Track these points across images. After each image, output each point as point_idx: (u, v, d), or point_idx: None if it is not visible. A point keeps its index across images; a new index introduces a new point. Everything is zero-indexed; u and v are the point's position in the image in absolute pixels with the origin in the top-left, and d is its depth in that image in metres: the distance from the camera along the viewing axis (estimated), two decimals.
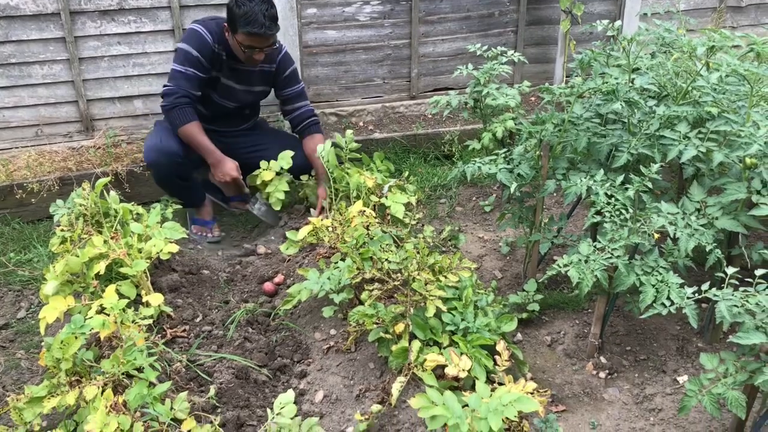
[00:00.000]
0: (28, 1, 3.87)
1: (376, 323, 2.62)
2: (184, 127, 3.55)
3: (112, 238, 2.91)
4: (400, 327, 2.55)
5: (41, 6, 3.90)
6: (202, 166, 3.77)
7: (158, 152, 3.57)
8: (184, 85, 3.53)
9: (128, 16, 4.07)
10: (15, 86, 4.04)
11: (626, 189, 2.52)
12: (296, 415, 2.43)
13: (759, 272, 2.13)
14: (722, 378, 2.14)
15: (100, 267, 2.76)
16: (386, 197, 3.45)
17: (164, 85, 3.59)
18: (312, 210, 3.73)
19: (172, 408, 2.25)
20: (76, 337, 2.32)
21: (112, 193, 3.14)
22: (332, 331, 2.91)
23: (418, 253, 2.78)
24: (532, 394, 2.20)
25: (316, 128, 3.88)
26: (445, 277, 2.75)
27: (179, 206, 3.26)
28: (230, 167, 3.65)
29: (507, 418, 2.06)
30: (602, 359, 2.78)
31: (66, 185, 3.90)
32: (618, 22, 2.87)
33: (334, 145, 3.67)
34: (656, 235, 2.47)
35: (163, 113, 3.64)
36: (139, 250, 2.91)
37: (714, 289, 2.17)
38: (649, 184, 2.44)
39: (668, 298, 2.32)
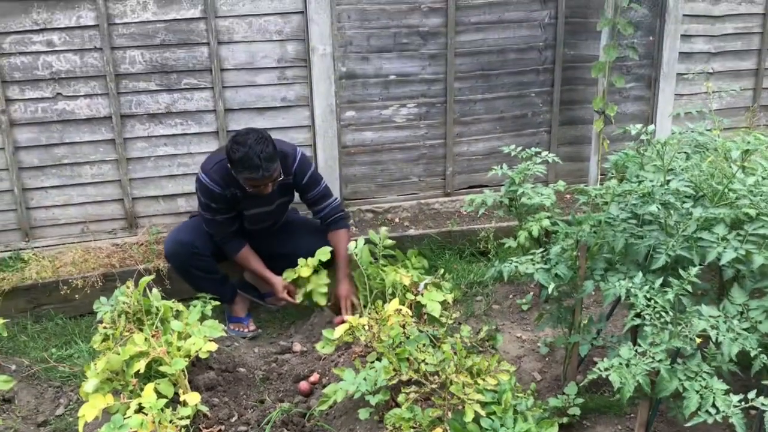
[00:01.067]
0: (83, 106, 4.10)
1: (414, 427, 2.58)
2: (236, 257, 3.86)
3: (152, 336, 2.95)
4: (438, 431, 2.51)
5: (95, 110, 4.12)
6: (220, 254, 3.87)
7: (174, 243, 3.77)
8: (220, 230, 3.78)
9: (175, 119, 4.27)
10: (65, 185, 4.22)
11: (666, 292, 2.50)
12: None
13: None
14: None
15: (140, 365, 2.80)
16: (422, 295, 3.46)
17: (208, 230, 3.80)
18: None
19: None
20: None
21: (155, 290, 3.22)
22: None
23: (456, 354, 2.76)
24: None
25: (342, 223, 3.94)
26: (484, 380, 2.72)
27: (217, 303, 3.31)
28: (282, 284, 3.86)
29: None
30: None
31: (109, 281, 3.99)
32: (651, 127, 2.92)
33: (368, 241, 3.73)
34: (698, 339, 2.43)
35: None
36: (178, 348, 2.94)
37: (761, 398, 2.11)
38: (689, 287, 2.42)
39: (713, 405, 2.25)
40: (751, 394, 2.12)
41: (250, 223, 3.88)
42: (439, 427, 2.51)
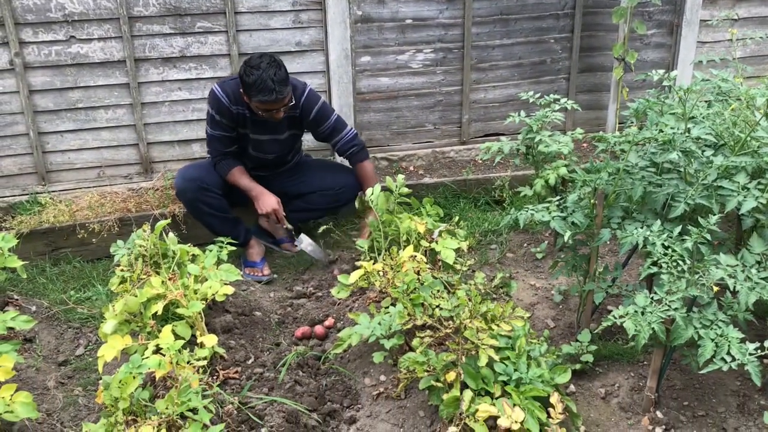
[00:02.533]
0: (96, 50, 4.06)
1: (427, 371, 2.60)
2: (228, 176, 3.85)
3: (169, 279, 2.98)
4: (451, 376, 2.53)
5: (108, 54, 4.09)
6: (232, 197, 3.90)
7: (183, 179, 3.81)
8: (217, 146, 3.83)
9: (189, 63, 4.23)
10: (80, 129, 4.22)
11: (684, 240, 2.48)
12: None
13: None
14: None
15: (158, 307, 2.83)
16: (437, 242, 3.46)
17: (207, 147, 3.90)
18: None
19: None
20: (134, 377, 2.38)
21: (171, 234, 3.24)
22: (382, 377, 2.91)
23: (470, 300, 2.77)
24: None
25: (361, 155, 3.97)
26: (498, 325, 2.73)
27: (233, 248, 3.33)
28: (271, 200, 3.82)
29: None
30: (658, 414, 2.71)
31: (125, 225, 4.02)
32: (674, 72, 2.86)
33: (384, 188, 3.71)
34: (715, 288, 2.42)
35: None
36: (195, 291, 2.97)
37: None
38: (708, 236, 2.41)
39: (728, 353, 2.26)
40: (767, 342, 2.12)
41: (255, 149, 3.88)
42: (453, 371, 2.53)
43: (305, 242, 3.97)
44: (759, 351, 2.17)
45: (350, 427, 2.74)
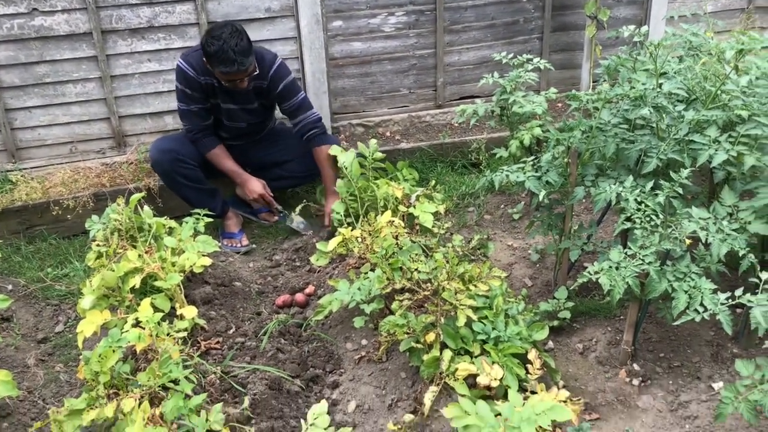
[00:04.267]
0: (61, 22, 3.97)
1: (407, 333, 2.63)
2: (208, 155, 3.84)
3: (146, 252, 2.96)
4: (431, 336, 2.56)
5: (74, 26, 4.00)
6: (208, 168, 3.89)
7: (157, 150, 3.78)
8: (194, 120, 3.79)
9: (158, 33, 4.15)
10: (50, 105, 4.14)
11: (656, 195, 2.51)
12: (329, 426, 2.46)
13: None
14: (759, 384, 2.11)
15: (136, 281, 2.82)
16: (414, 207, 3.47)
17: (182, 123, 3.86)
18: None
19: (207, 420, 2.28)
20: (113, 351, 2.37)
21: (146, 207, 3.21)
22: (363, 342, 2.93)
23: (448, 262, 2.79)
24: (564, 402, 2.20)
25: (319, 139, 3.90)
26: (475, 286, 2.76)
27: (210, 220, 3.31)
28: (256, 185, 3.88)
29: (540, 427, 2.05)
30: (635, 366, 2.76)
31: (100, 201, 3.98)
32: (644, 28, 2.85)
33: (358, 155, 3.70)
34: (688, 241, 2.45)
35: None
36: (173, 264, 2.96)
37: (748, 295, 2.15)
38: (680, 190, 2.43)
39: (701, 304, 2.30)
40: (738, 292, 2.16)
41: (229, 119, 3.85)
42: (432, 332, 2.56)
43: (296, 221, 3.97)
44: (730, 301, 2.21)
45: (333, 392, 2.77)
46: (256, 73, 3.61)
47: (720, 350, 2.80)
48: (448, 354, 2.50)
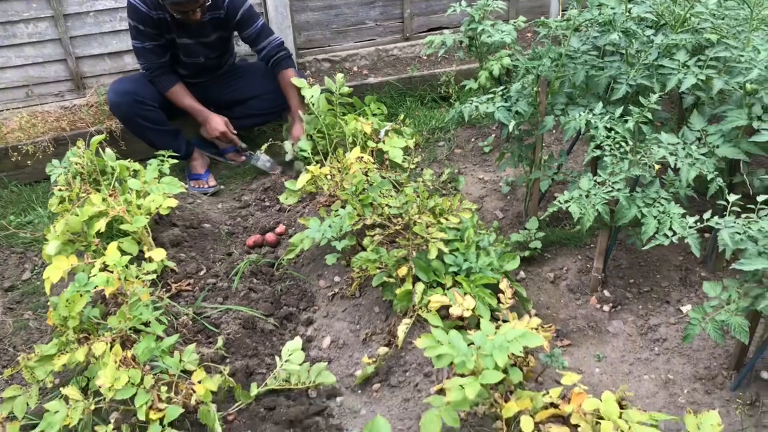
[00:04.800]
0: None
1: (379, 268, 2.62)
2: (168, 94, 3.73)
3: (110, 195, 2.90)
4: (403, 270, 2.56)
5: None
6: (170, 109, 3.79)
7: (115, 93, 3.67)
8: (150, 58, 3.67)
9: None
10: (1, 47, 3.96)
11: (626, 121, 2.49)
12: (304, 362, 2.46)
13: (761, 198, 2.12)
14: (725, 305, 2.15)
15: (101, 225, 2.76)
16: (383, 142, 3.42)
17: (138, 62, 3.74)
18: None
19: (181, 360, 2.27)
20: (81, 295, 2.33)
21: (108, 150, 3.13)
22: (336, 278, 2.92)
23: (418, 196, 2.76)
24: (536, 329, 2.22)
25: (285, 63, 3.83)
26: (446, 219, 2.75)
27: (175, 161, 3.23)
28: (218, 122, 3.78)
29: (512, 354, 2.07)
30: (606, 293, 2.80)
31: (61, 145, 3.87)
32: None
33: (325, 90, 3.62)
34: (657, 167, 2.46)
35: None
36: (139, 207, 2.90)
37: (716, 218, 2.16)
38: (649, 115, 2.41)
39: (670, 228, 2.31)
40: (707, 215, 2.17)
41: (185, 54, 3.73)
42: (404, 266, 2.55)
43: (262, 159, 3.90)
44: (698, 224, 2.23)
45: (308, 329, 2.77)
46: (208, 3, 3.48)
47: (688, 274, 2.84)
48: (420, 287, 2.50)
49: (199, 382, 2.21)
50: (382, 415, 1.90)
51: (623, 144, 2.48)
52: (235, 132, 3.84)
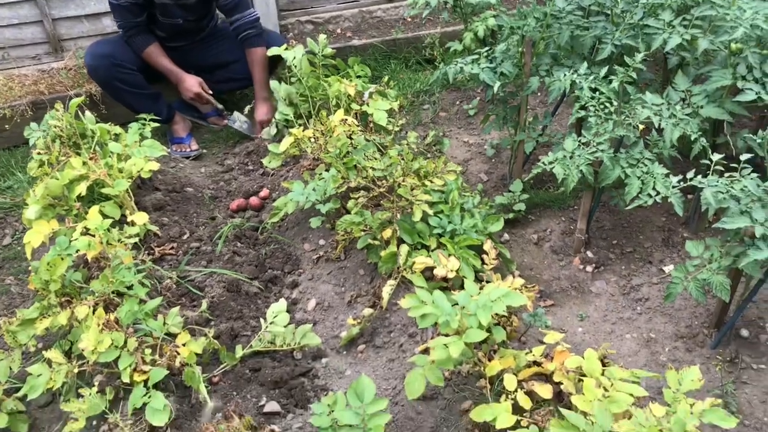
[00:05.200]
0: None
1: (364, 230, 2.62)
2: (144, 54, 3.65)
3: (90, 159, 2.85)
4: (387, 232, 2.55)
5: None
6: (149, 72, 3.72)
7: (93, 56, 3.60)
8: (126, 16, 3.58)
9: None
10: None
11: (611, 81, 2.48)
12: (290, 324, 2.46)
13: (743, 157, 2.13)
14: (707, 264, 2.17)
15: (81, 188, 2.72)
16: (368, 104, 3.38)
17: (114, 20, 3.66)
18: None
19: (165, 323, 2.26)
20: (62, 258, 2.31)
21: (88, 113, 3.08)
22: (321, 242, 2.92)
23: (403, 159, 2.75)
24: (520, 290, 2.23)
25: (255, 41, 3.75)
26: (431, 181, 2.74)
27: (157, 125, 3.19)
28: (192, 83, 3.71)
29: (496, 314, 2.09)
30: (589, 254, 2.81)
31: (39, 109, 3.80)
32: None
33: (308, 52, 3.57)
34: (641, 127, 2.45)
35: None
36: (120, 170, 2.86)
37: (699, 177, 2.17)
38: (634, 75, 2.40)
39: (654, 188, 2.32)
40: (690, 174, 2.18)
41: (163, 14, 3.63)
42: (389, 228, 2.55)
43: (238, 120, 3.85)
44: (682, 183, 2.23)
45: (293, 291, 2.77)
46: None
47: (671, 235, 2.86)
48: (405, 249, 2.50)
49: (184, 344, 2.21)
50: (367, 375, 1.91)
51: (608, 105, 2.47)
52: (211, 93, 3.77)
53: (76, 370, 2.15)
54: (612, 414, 1.65)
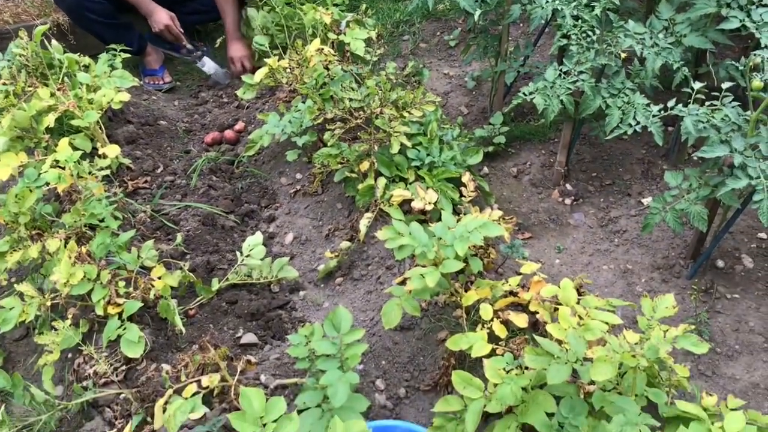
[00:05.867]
0: None
1: (341, 163, 2.58)
2: None
3: (59, 89, 2.76)
4: (365, 165, 2.51)
5: None
6: (117, 2, 3.56)
7: None
8: None
9: None
10: None
11: (593, 8, 2.41)
12: (267, 257, 2.44)
13: (725, 85, 2.09)
14: (685, 194, 2.16)
15: (50, 120, 2.64)
16: (344, 34, 3.29)
17: None
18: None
19: (139, 256, 2.23)
20: (30, 191, 2.26)
21: (55, 43, 2.96)
22: (298, 175, 2.88)
23: (381, 89, 2.69)
24: (498, 221, 2.21)
25: None
26: (409, 112, 2.68)
27: (127, 56, 3.08)
28: (162, 16, 3.56)
29: (474, 246, 2.07)
30: (568, 186, 2.79)
31: (4, 39, 3.64)
32: None
33: None
34: (623, 56, 2.40)
35: None
36: (90, 101, 2.78)
37: (680, 106, 2.14)
38: (617, 1, 2.34)
39: (634, 118, 2.29)
40: (671, 103, 2.14)
41: None
42: (367, 161, 2.51)
43: (208, 65, 3.72)
44: (662, 113, 2.20)
45: (270, 225, 2.74)
46: None
47: (651, 167, 2.84)
48: (382, 181, 2.47)
49: (159, 277, 2.19)
50: (344, 307, 1.91)
51: (590, 33, 2.41)
52: (181, 30, 3.63)
53: (49, 303, 2.13)
54: (586, 341, 1.66)
